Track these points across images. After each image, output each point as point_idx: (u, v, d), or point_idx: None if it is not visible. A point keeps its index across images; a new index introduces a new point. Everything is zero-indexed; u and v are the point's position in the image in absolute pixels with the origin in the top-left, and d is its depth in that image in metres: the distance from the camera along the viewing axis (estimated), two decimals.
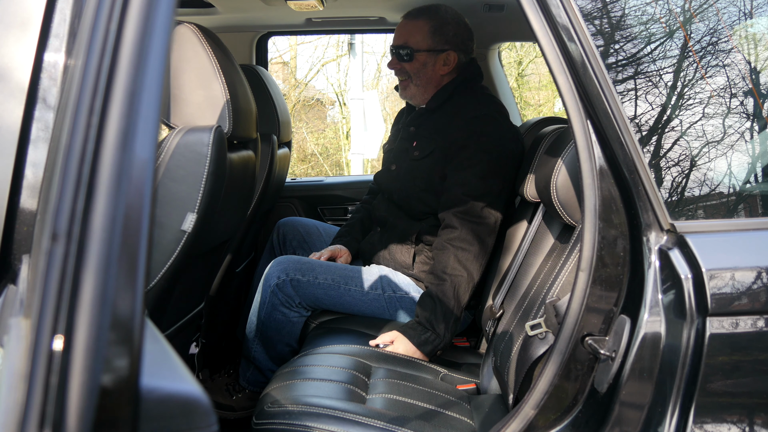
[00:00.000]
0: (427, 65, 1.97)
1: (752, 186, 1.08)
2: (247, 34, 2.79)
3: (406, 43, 1.97)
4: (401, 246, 1.99)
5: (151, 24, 0.53)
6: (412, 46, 1.96)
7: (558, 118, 2.12)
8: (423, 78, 1.98)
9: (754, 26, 1.12)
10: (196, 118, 1.34)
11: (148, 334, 0.52)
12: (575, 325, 1.07)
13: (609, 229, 1.05)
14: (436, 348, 1.71)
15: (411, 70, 1.98)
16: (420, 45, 1.96)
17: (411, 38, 1.97)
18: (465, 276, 1.74)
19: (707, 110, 1.06)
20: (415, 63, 1.97)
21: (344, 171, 9.44)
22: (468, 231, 1.77)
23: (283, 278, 1.89)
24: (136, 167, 0.50)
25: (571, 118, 1.05)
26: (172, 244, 1.25)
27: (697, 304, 0.96)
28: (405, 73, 2.00)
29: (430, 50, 1.95)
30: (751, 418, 1.01)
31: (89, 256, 0.48)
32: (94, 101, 0.52)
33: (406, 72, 2.00)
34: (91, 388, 0.46)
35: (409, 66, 1.98)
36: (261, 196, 2.11)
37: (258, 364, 1.97)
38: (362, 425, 1.27)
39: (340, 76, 9.82)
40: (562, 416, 1.09)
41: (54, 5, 0.93)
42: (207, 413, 0.52)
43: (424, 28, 1.95)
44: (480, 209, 1.78)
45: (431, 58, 1.96)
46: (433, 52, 1.96)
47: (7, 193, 0.90)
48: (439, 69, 1.97)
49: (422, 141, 1.97)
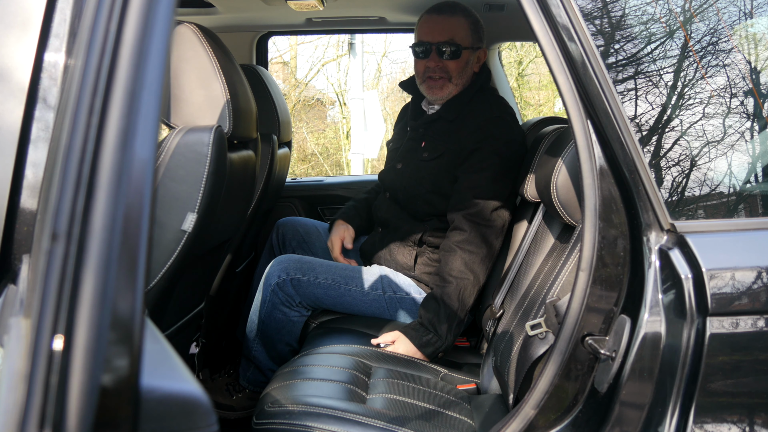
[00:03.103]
0: (469, 63, 1.93)
1: (752, 186, 1.08)
2: (247, 34, 2.78)
3: (453, 39, 1.89)
4: (403, 247, 1.99)
5: (151, 24, 0.53)
6: (459, 43, 1.89)
7: (558, 118, 2.12)
8: (464, 77, 1.93)
9: (754, 26, 1.12)
10: (196, 118, 1.34)
11: (148, 334, 0.52)
12: (575, 325, 1.07)
13: (609, 228, 1.04)
14: (437, 350, 1.70)
15: (455, 68, 1.91)
16: (465, 42, 1.90)
17: (456, 34, 1.89)
18: (471, 279, 1.74)
19: (707, 110, 1.06)
20: (460, 61, 1.91)
21: (344, 171, 9.43)
22: (476, 234, 1.76)
23: (283, 277, 1.89)
24: (136, 167, 0.50)
25: (571, 118, 1.05)
26: (173, 244, 1.25)
27: (698, 303, 0.96)
28: (444, 71, 1.92)
29: (472, 47, 1.93)
30: (752, 418, 1.01)
31: (89, 256, 0.48)
32: (94, 101, 0.52)
33: (446, 70, 1.91)
34: (91, 388, 0.46)
35: (454, 64, 1.90)
36: (261, 196, 2.11)
37: (258, 364, 1.97)
38: (362, 425, 1.27)
39: (340, 76, 9.82)
40: (563, 416, 1.09)
41: (54, 5, 0.93)
42: (207, 413, 0.52)
43: (465, 24, 1.91)
44: (489, 212, 1.77)
45: (472, 56, 1.94)
46: (473, 50, 1.93)
47: (7, 193, 0.90)
48: (474, 67, 1.95)
49: (432, 142, 1.94)
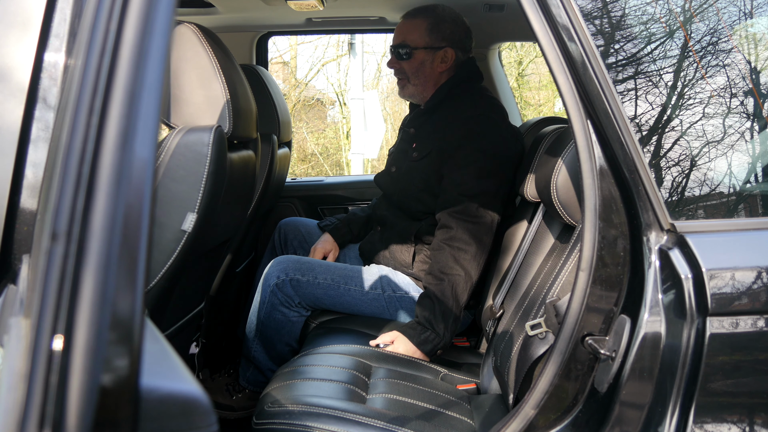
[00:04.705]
0: (425, 63, 1.97)
1: (752, 186, 1.08)
2: (247, 34, 2.78)
3: (404, 42, 1.97)
4: (401, 245, 2.00)
5: (151, 24, 0.53)
6: (410, 44, 1.96)
7: (558, 118, 2.12)
8: (421, 76, 1.99)
9: (754, 26, 1.12)
10: (196, 118, 1.34)
11: (148, 334, 0.52)
12: (575, 325, 1.07)
13: (609, 228, 1.04)
14: (436, 347, 1.71)
15: (409, 68, 1.99)
16: (417, 42, 1.96)
17: (409, 36, 1.97)
18: (462, 275, 1.74)
19: (707, 110, 1.06)
20: (413, 61, 1.97)
21: (344, 171, 9.43)
22: (464, 231, 1.77)
23: (282, 278, 1.89)
24: (136, 167, 0.50)
25: (571, 118, 1.05)
26: (172, 243, 1.25)
27: (698, 303, 0.96)
28: (403, 72, 2.01)
29: (427, 47, 1.96)
30: (752, 418, 1.01)
31: (89, 255, 0.48)
32: (94, 101, 0.52)
33: (404, 71, 2.01)
34: (91, 388, 0.46)
35: (408, 64, 1.99)
36: (261, 196, 2.11)
37: (258, 364, 1.98)
38: (362, 425, 1.27)
39: (340, 76, 9.82)
40: (563, 416, 1.09)
41: (54, 5, 0.93)
42: (207, 413, 0.52)
43: (422, 26, 1.96)
44: (476, 209, 1.78)
45: (429, 56, 1.97)
46: (431, 50, 1.96)
47: (7, 193, 0.90)
48: (437, 66, 1.98)
49: (421, 142, 1.98)
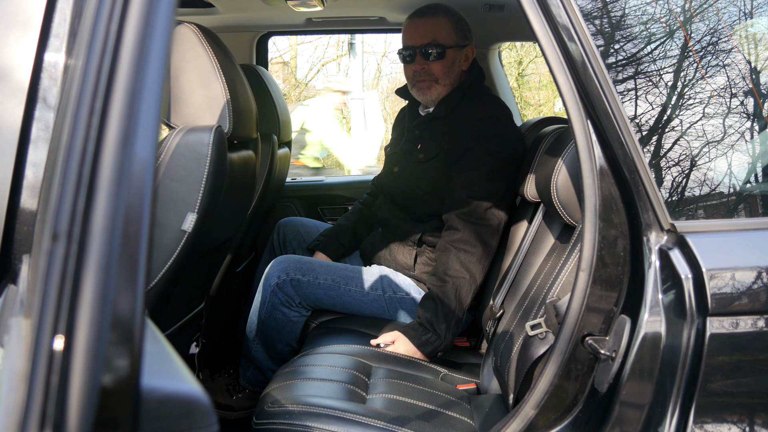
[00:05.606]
0: (455, 62, 1.92)
1: (752, 186, 1.08)
2: (247, 34, 2.78)
3: (435, 40, 1.88)
4: (403, 247, 1.99)
5: (152, 24, 0.53)
6: (442, 43, 1.88)
7: (558, 118, 2.12)
8: (450, 77, 1.92)
9: (754, 26, 1.12)
10: (197, 118, 1.34)
11: (148, 334, 0.52)
12: (575, 325, 1.07)
13: (609, 229, 1.04)
14: (436, 349, 1.71)
15: (440, 69, 1.90)
16: (448, 41, 1.89)
17: (439, 35, 1.89)
18: (467, 278, 1.74)
19: (707, 110, 1.06)
20: (445, 61, 1.90)
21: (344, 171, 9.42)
22: (471, 233, 1.76)
23: (283, 278, 1.89)
24: (137, 167, 0.50)
25: (571, 118, 1.05)
26: (173, 244, 1.25)
27: (698, 304, 0.96)
28: (430, 73, 1.91)
29: (457, 46, 1.91)
30: (752, 418, 1.01)
31: (89, 256, 0.48)
32: (95, 101, 0.52)
33: (430, 72, 1.91)
34: (91, 388, 0.46)
35: (439, 65, 1.90)
36: (261, 196, 2.11)
37: (258, 364, 1.97)
38: (362, 425, 1.27)
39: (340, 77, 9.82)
40: (563, 416, 1.09)
41: (54, 5, 0.93)
42: (207, 413, 0.52)
43: (447, 24, 1.90)
44: (483, 211, 1.77)
45: (458, 55, 1.93)
46: (459, 48, 1.92)
47: (7, 193, 0.90)
48: (462, 65, 1.94)
49: (428, 143, 1.95)
